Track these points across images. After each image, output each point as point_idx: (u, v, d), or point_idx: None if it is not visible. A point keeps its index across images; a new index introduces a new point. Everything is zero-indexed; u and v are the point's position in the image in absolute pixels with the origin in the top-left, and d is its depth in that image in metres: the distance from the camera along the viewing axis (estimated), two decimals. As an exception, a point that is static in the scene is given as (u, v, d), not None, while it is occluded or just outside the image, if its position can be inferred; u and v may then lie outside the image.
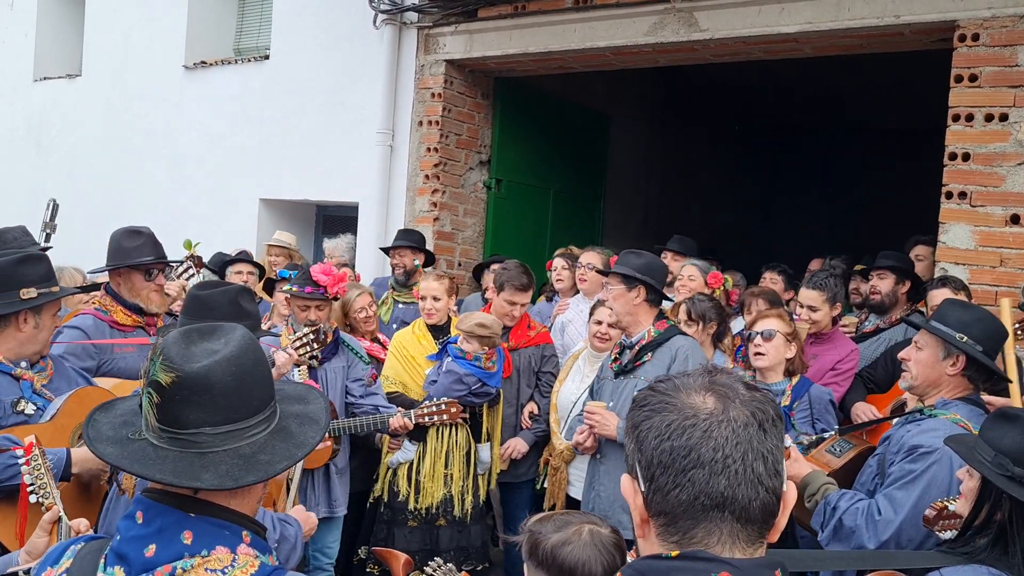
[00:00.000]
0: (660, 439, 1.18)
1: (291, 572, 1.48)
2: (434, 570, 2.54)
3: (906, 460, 2.69)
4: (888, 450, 2.84)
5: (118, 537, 1.45)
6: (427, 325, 4.77)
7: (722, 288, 5.09)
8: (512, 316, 4.74)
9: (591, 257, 5.33)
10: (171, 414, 1.45)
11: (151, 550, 1.40)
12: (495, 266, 5.55)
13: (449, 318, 4.84)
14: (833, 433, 3.44)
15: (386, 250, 6.02)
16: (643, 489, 1.20)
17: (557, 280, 5.74)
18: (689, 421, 1.17)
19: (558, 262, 5.76)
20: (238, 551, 1.43)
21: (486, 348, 4.34)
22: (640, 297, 3.82)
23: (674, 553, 1.17)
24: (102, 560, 1.45)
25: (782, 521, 1.21)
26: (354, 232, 7.09)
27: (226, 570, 1.40)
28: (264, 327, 4.21)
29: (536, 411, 4.68)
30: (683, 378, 1.24)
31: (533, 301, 6.26)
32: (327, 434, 3.84)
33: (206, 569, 1.39)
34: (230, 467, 1.43)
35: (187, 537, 1.41)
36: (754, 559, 1.17)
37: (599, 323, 4.46)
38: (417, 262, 5.72)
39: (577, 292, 5.53)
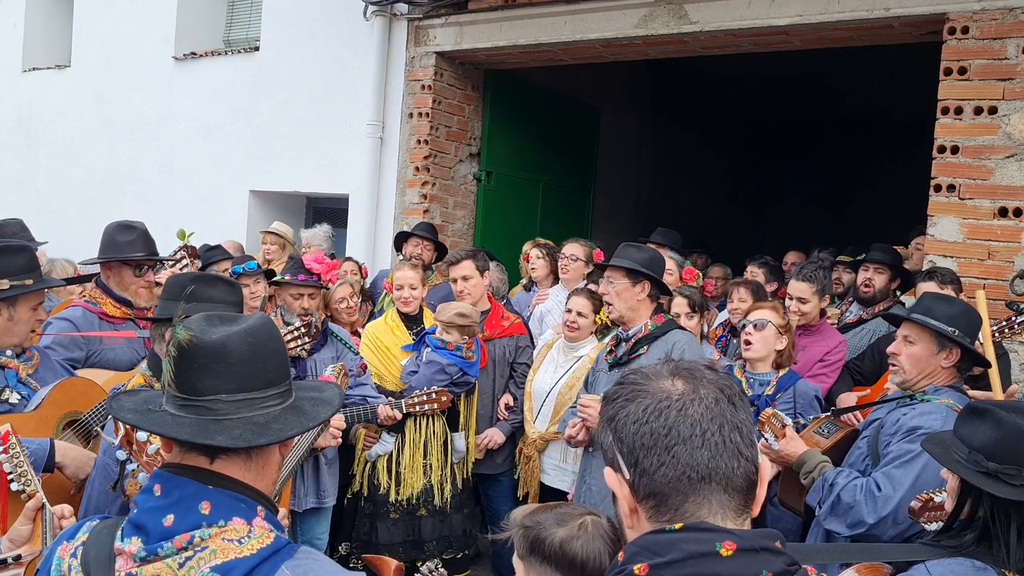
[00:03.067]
0: (639, 424, 1.22)
1: (304, 547, 1.51)
2: (427, 573, 2.52)
3: (905, 440, 2.76)
4: (882, 432, 2.90)
5: (135, 510, 1.48)
6: (401, 315, 4.76)
7: (697, 282, 5.11)
8: (462, 293, 4.68)
9: (574, 248, 5.31)
10: (188, 381, 1.50)
11: (169, 519, 1.44)
12: None
13: (421, 308, 4.83)
14: (824, 415, 3.48)
15: (399, 240, 5.98)
16: (628, 477, 1.24)
17: (532, 269, 5.72)
18: (664, 403, 1.22)
19: (533, 251, 5.74)
20: (254, 523, 1.46)
21: (466, 337, 4.34)
22: (644, 292, 3.81)
23: (677, 526, 1.20)
24: (119, 532, 1.49)
25: (761, 493, 1.25)
26: (343, 224, 7.07)
27: (243, 540, 1.43)
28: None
29: (512, 403, 4.68)
30: (649, 367, 1.30)
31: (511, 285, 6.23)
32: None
33: (223, 538, 1.42)
34: (243, 431, 1.48)
35: (205, 507, 1.44)
36: (755, 530, 1.20)
37: (569, 311, 4.47)
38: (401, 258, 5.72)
39: (556, 282, 5.51)
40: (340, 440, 3.98)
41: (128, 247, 3.85)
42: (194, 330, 1.51)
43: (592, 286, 4.75)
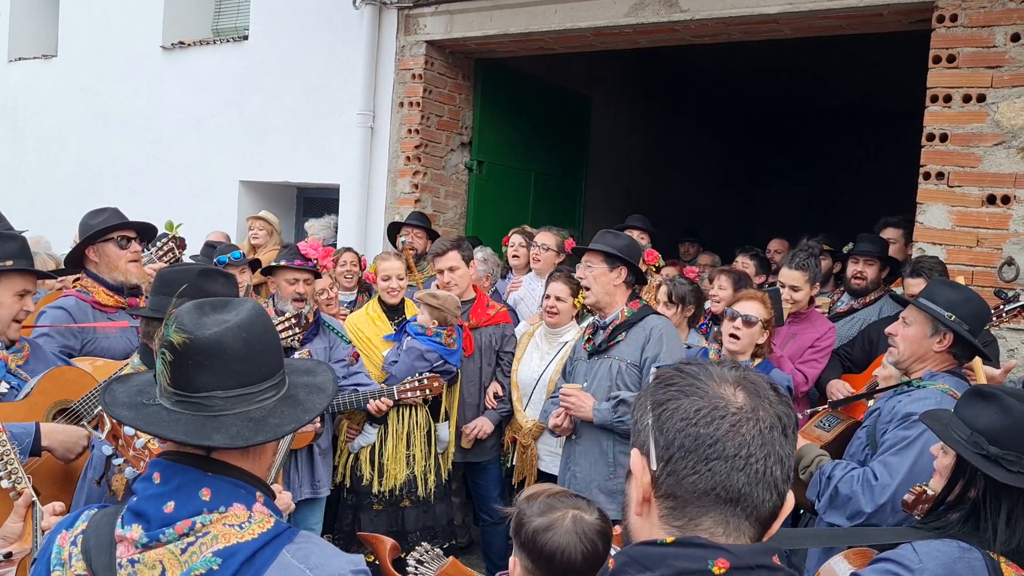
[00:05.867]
0: (686, 423, 1.16)
1: (304, 531, 1.52)
2: (421, 555, 2.53)
3: (900, 427, 2.76)
4: (879, 420, 2.90)
5: (134, 498, 1.49)
6: (383, 306, 4.76)
7: (655, 266, 5.11)
8: (448, 284, 4.68)
9: (546, 237, 5.36)
10: (184, 378, 1.49)
11: (170, 506, 1.45)
12: None
13: (403, 299, 4.83)
14: (823, 408, 3.49)
15: (392, 231, 5.97)
16: (655, 468, 1.18)
17: (513, 256, 5.75)
18: (719, 412, 1.16)
19: (515, 239, 5.77)
20: (253, 509, 1.48)
21: (435, 321, 4.34)
22: (620, 278, 3.84)
23: (669, 539, 1.16)
24: (119, 519, 1.49)
25: (775, 527, 1.21)
26: (335, 214, 7.06)
27: (243, 525, 1.44)
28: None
29: (501, 391, 4.69)
30: (714, 367, 1.23)
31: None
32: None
33: (224, 524, 1.44)
34: (240, 428, 1.48)
35: (205, 494, 1.46)
36: (751, 545, 1.16)
37: (548, 297, 4.49)
38: (404, 240, 5.72)
39: (530, 270, 5.53)
40: (320, 423, 3.99)
41: (102, 224, 3.80)
42: (187, 326, 1.49)
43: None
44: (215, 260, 5.10)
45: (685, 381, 1.20)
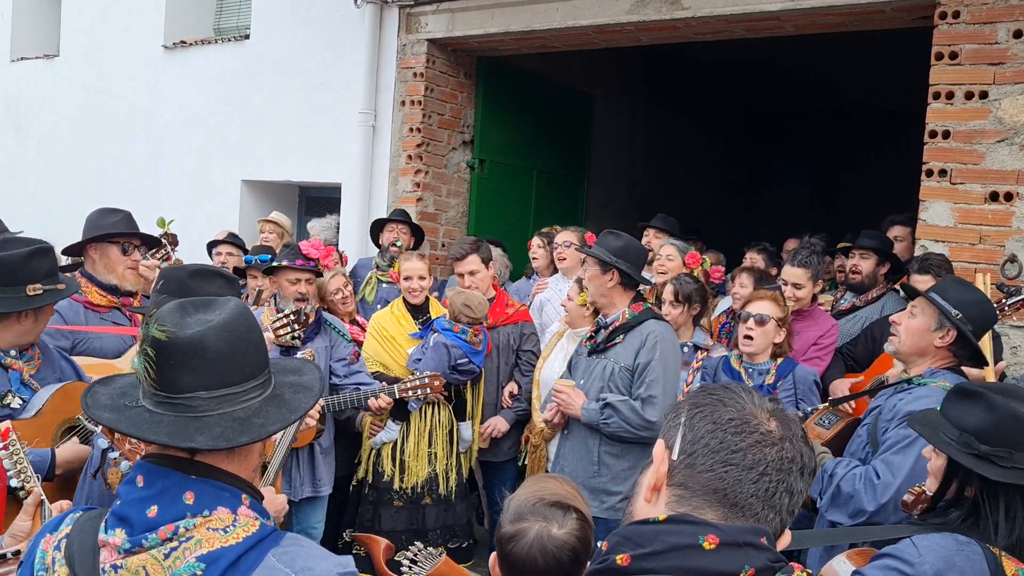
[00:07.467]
0: (716, 427, 1.26)
1: (290, 534, 1.49)
2: (415, 554, 2.53)
3: (901, 426, 2.76)
4: (880, 419, 2.90)
5: (118, 502, 1.46)
6: (408, 305, 4.77)
7: (701, 268, 5.11)
8: (470, 288, 4.68)
9: (568, 235, 5.35)
10: (166, 379, 1.47)
11: (153, 511, 1.42)
12: None
13: (427, 298, 4.84)
14: (823, 406, 3.49)
15: (377, 228, 5.98)
16: (675, 458, 1.26)
17: (533, 259, 5.79)
18: (749, 427, 1.25)
19: (534, 240, 5.82)
20: (239, 512, 1.45)
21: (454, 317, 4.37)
22: (614, 280, 3.81)
23: (661, 517, 1.22)
24: (102, 524, 1.47)
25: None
26: (337, 213, 7.06)
27: (227, 529, 1.42)
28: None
29: (516, 391, 4.68)
30: (756, 395, 1.32)
31: (514, 279, 6.28)
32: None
33: (208, 528, 1.41)
34: (224, 429, 1.45)
35: (189, 498, 1.43)
36: (740, 526, 1.22)
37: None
38: (400, 243, 5.71)
39: (555, 271, 5.54)
40: (315, 423, 3.99)
41: (112, 227, 3.77)
42: (169, 325, 1.47)
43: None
44: (244, 260, 5.12)
45: (727, 395, 1.30)
